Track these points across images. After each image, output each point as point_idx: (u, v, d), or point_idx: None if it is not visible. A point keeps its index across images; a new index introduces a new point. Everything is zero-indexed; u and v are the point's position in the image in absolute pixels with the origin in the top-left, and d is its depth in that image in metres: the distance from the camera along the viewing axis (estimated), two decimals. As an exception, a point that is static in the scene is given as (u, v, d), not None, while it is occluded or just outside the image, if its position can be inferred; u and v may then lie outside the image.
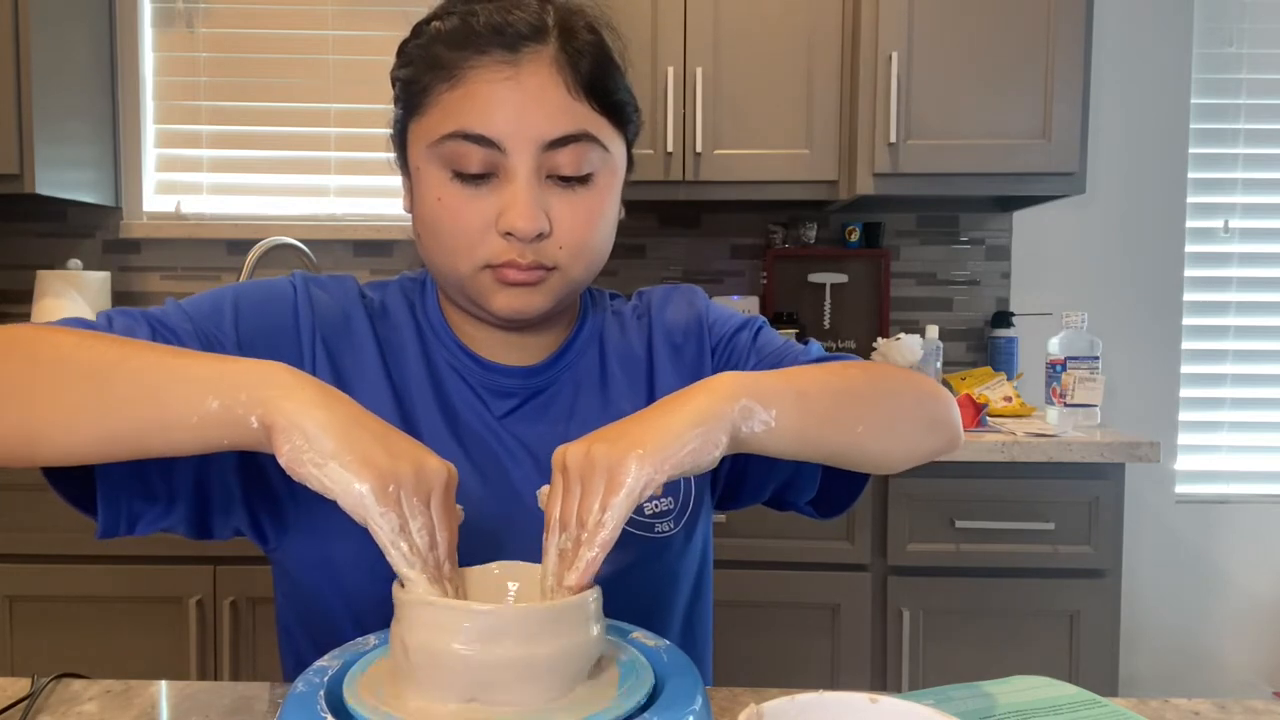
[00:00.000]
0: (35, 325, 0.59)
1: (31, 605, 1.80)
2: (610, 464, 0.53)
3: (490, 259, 0.71)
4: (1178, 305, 2.42)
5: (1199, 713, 0.67)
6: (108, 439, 0.53)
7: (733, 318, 0.88)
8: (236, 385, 0.52)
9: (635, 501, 0.52)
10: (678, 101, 2.06)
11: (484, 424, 0.78)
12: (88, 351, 0.55)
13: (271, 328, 0.75)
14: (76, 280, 2.15)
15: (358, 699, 0.47)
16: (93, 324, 0.65)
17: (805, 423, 0.61)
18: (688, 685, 0.50)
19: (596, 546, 0.52)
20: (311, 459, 0.49)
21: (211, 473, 0.69)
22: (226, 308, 0.73)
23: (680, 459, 0.54)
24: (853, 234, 2.34)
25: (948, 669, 1.81)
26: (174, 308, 0.72)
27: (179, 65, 2.39)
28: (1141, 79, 2.38)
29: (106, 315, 0.68)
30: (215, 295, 0.75)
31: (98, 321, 0.66)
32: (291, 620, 0.80)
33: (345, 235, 2.37)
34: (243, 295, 0.75)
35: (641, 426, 0.56)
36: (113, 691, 0.68)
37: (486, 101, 0.68)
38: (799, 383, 0.63)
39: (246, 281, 0.77)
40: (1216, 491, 2.46)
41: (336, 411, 0.52)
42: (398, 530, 0.49)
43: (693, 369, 0.85)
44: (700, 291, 0.90)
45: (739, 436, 0.58)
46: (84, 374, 0.54)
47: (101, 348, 0.55)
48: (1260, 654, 2.45)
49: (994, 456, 1.75)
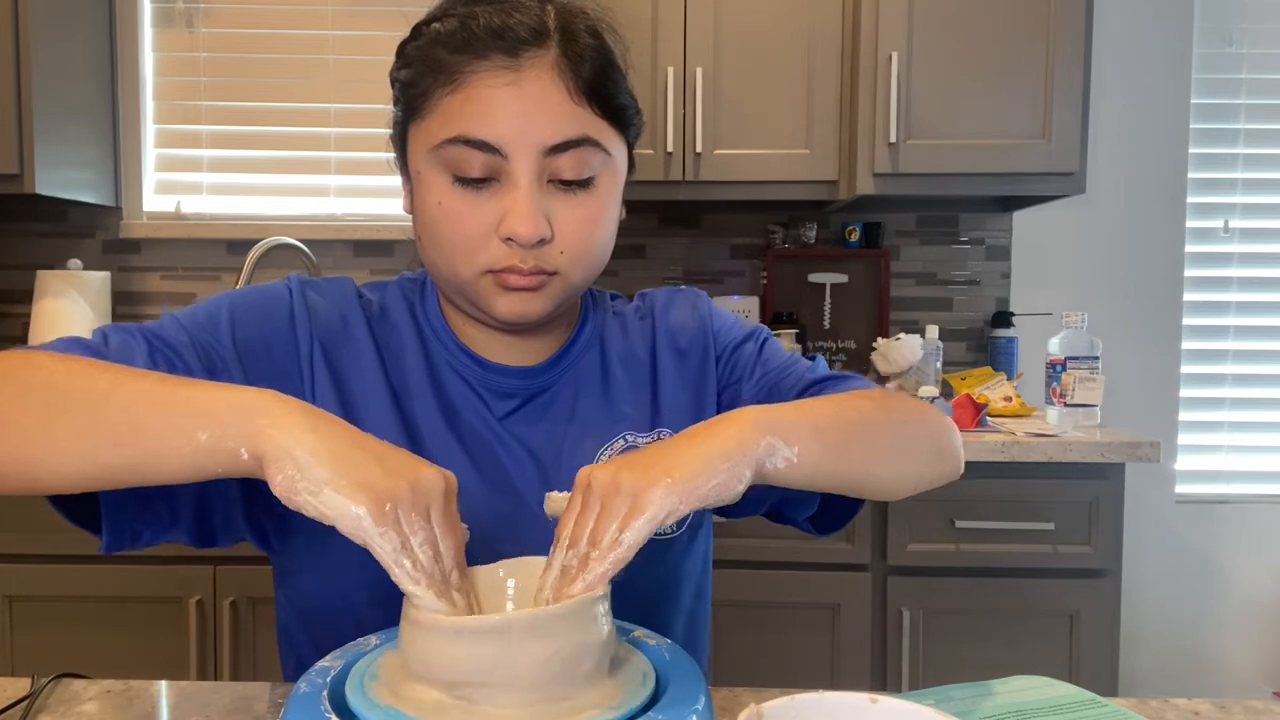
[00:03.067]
0: (29, 351, 0.59)
1: (31, 605, 1.80)
2: (636, 490, 0.53)
3: (491, 264, 0.71)
4: (1178, 305, 2.42)
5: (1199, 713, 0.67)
6: (103, 470, 0.53)
7: (736, 327, 0.88)
8: (225, 416, 0.52)
9: (655, 527, 0.53)
10: (678, 101, 2.06)
11: (485, 424, 0.78)
12: (80, 380, 0.55)
13: (268, 335, 0.74)
14: (76, 280, 2.15)
15: (362, 699, 0.47)
16: (89, 344, 0.64)
17: (823, 458, 0.62)
18: (691, 685, 0.50)
19: (608, 563, 0.52)
20: (305, 487, 0.49)
21: (212, 487, 0.69)
22: (222, 317, 0.73)
23: (706, 491, 0.54)
24: (853, 234, 2.34)
25: (948, 669, 1.81)
26: (170, 321, 0.71)
27: (179, 65, 2.39)
28: (1141, 79, 2.38)
29: (103, 333, 0.67)
30: (211, 305, 0.74)
31: (94, 341, 0.65)
32: (292, 621, 0.80)
33: (345, 235, 2.37)
34: (238, 303, 0.74)
35: (671, 456, 0.56)
36: (113, 691, 0.68)
37: (488, 106, 0.68)
38: (817, 417, 0.64)
39: (242, 289, 0.77)
40: (1216, 491, 2.46)
41: (327, 436, 0.51)
42: (399, 549, 0.49)
43: (697, 376, 0.85)
44: (704, 295, 0.90)
45: (761, 471, 0.59)
46: (76, 405, 0.54)
47: (93, 377, 0.55)
48: (1260, 654, 2.45)
49: (994, 456, 1.75)
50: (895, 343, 2.03)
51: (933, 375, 2.06)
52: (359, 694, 0.48)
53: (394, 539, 0.49)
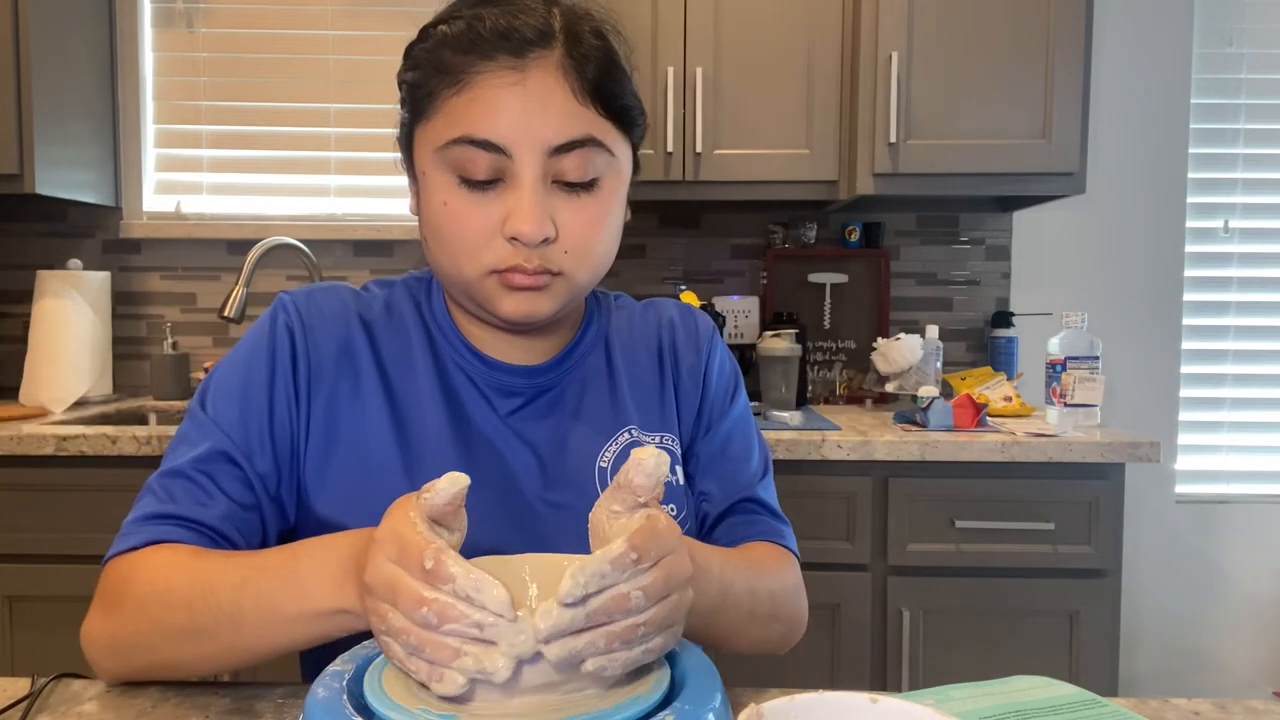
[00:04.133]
0: (144, 563, 0.69)
1: (31, 605, 1.80)
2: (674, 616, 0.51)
3: (496, 264, 0.71)
4: (1178, 305, 2.42)
5: (1199, 713, 0.67)
6: (244, 664, 0.66)
7: (728, 379, 0.89)
8: (330, 595, 0.60)
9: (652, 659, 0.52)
10: (678, 101, 2.06)
11: (489, 422, 0.79)
12: (210, 600, 0.64)
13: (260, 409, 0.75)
14: (76, 280, 2.15)
15: (386, 702, 0.47)
16: (188, 534, 0.71)
17: (705, 618, 0.66)
18: (706, 677, 0.52)
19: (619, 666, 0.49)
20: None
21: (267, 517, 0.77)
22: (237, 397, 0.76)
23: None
24: (853, 234, 2.34)
25: (948, 669, 1.81)
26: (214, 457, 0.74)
27: (179, 65, 2.39)
28: (1141, 79, 2.38)
29: (194, 525, 0.72)
30: (224, 388, 0.76)
31: (182, 533, 0.71)
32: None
33: (345, 235, 2.37)
34: (217, 392, 0.76)
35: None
36: (113, 691, 0.68)
37: (493, 107, 0.68)
38: (733, 589, 0.69)
39: (221, 366, 0.78)
40: (1216, 491, 2.46)
41: None
42: (404, 658, 0.49)
43: (690, 400, 0.87)
44: (713, 325, 0.92)
45: None
46: (213, 629, 0.64)
47: (216, 596, 0.64)
48: (1260, 654, 2.45)
49: (994, 456, 1.75)
50: (895, 343, 2.03)
51: (933, 375, 2.06)
52: (379, 697, 0.48)
53: (396, 650, 0.49)
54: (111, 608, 0.68)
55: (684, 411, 0.86)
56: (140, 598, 0.66)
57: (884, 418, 2.03)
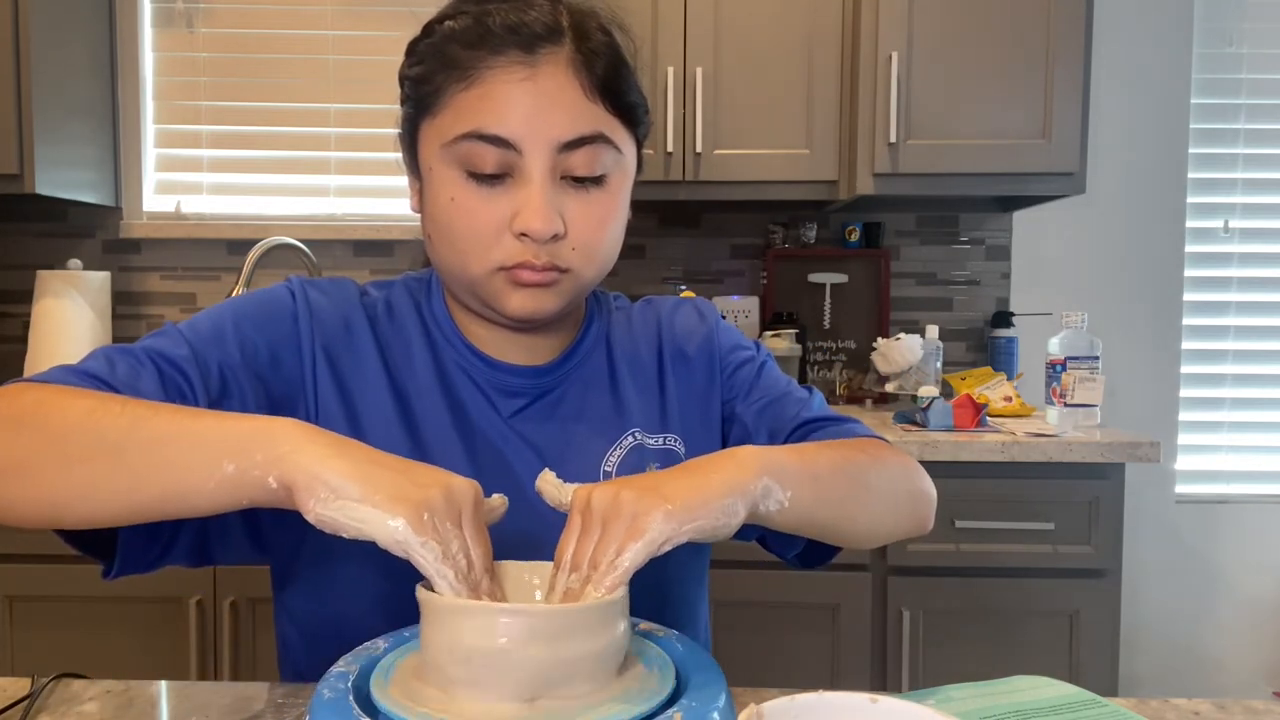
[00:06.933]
0: (35, 386, 0.59)
1: (31, 605, 1.80)
2: (636, 512, 0.53)
3: (504, 260, 0.70)
4: (1178, 305, 2.42)
5: (1199, 713, 0.67)
6: (130, 510, 0.55)
7: (738, 347, 0.88)
8: (248, 446, 0.52)
9: (651, 553, 0.53)
10: (678, 101, 2.06)
11: (491, 424, 0.78)
12: (98, 421, 0.55)
13: (274, 343, 0.74)
14: (76, 280, 2.15)
15: (394, 703, 0.47)
16: (95, 373, 0.63)
17: (814, 506, 0.64)
18: (709, 673, 0.52)
19: (603, 589, 0.52)
20: (340, 508, 0.50)
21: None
22: (227, 329, 0.72)
23: (701, 524, 0.55)
24: (853, 234, 2.34)
25: (948, 669, 1.80)
26: (173, 335, 0.71)
27: (179, 65, 2.39)
28: (1141, 79, 2.38)
29: (107, 358, 0.66)
30: (215, 316, 0.73)
31: (98, 368, 0.64)
32: (288, 629, 0.80)
33: (345, 235, 2.37)
34: (242, 313, 0.74)
35: (671, 484, 0.56)
36: (113, 691, 0.68)
37: (503, 102, 0.68)
38: (815, 467, 0.65)
39: (243, 296, 0.76)
40: (1216, 491, 2.46)
41: (351, 457, 0.52)
42: (440, 558, 0.50)
43: (704, 385, 0.85)
44: (712, 307, 0.91)
45: (755, 511, 0.59)
46: (99, 449, 0.54)
47: (111, 416, 0.55)
48: (1260, 654, 2.45)
49: (994, 456, 1.75)
50: (895, 343, 2.03)
51: (933, 375, 2.06)
52: (389, 699, 0.48)
53: (435, 549, 0.50)
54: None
55: (704, 403, 0.85)
56: (21, 406, 0.58)
57: (884, 418, 2.03)
